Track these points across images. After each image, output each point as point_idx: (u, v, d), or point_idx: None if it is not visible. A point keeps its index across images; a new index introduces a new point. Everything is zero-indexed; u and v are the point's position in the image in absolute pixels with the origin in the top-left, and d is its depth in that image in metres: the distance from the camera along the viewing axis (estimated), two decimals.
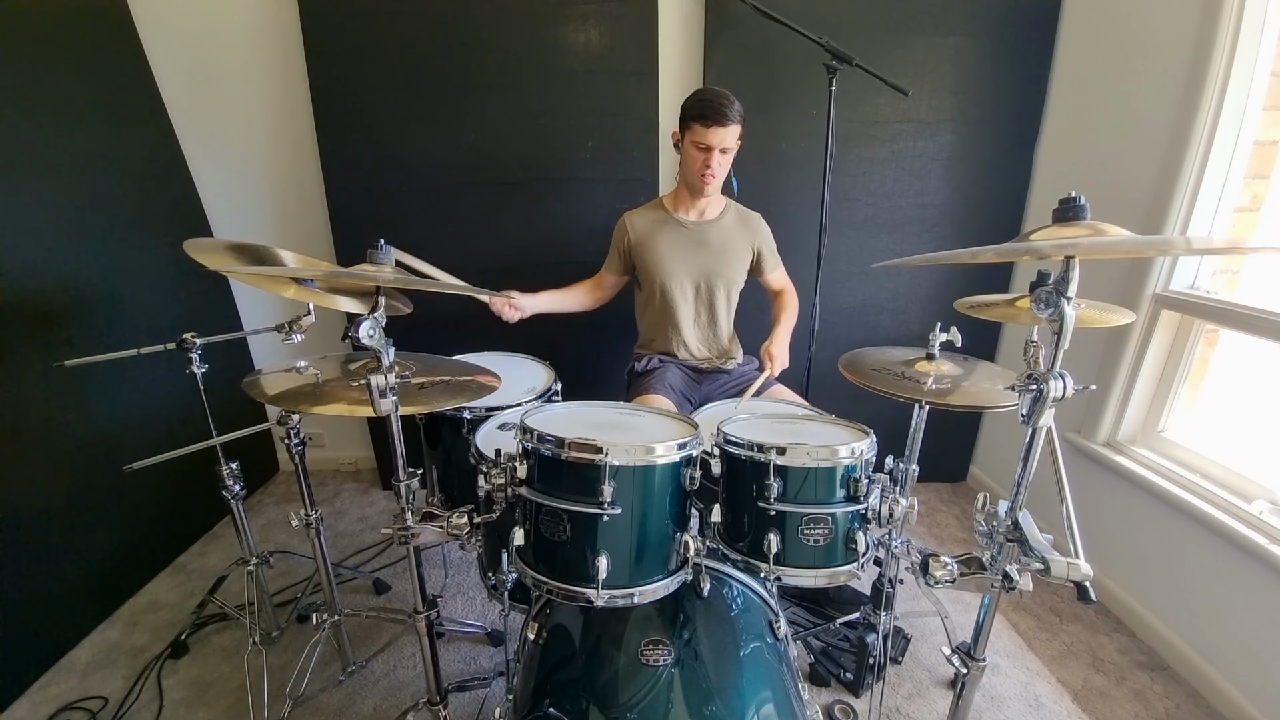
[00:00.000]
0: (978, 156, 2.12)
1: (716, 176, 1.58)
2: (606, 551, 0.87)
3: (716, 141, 1.52)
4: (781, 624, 1.07)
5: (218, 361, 1.46)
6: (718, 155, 1.54)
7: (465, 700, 1.46)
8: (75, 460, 1.66)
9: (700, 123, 1.51)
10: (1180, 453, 1.68)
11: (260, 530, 2.18)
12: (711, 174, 1.57)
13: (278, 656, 1.58)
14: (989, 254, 0.77)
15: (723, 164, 1.57)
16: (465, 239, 2.15)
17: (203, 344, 1.35)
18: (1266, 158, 1.55)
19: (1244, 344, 1.61)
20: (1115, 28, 1.81)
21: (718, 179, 1.59)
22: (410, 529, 1.01)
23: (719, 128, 1.50)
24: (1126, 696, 1.50)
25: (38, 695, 1.48)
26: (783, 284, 1.84)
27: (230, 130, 2.12)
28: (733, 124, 1.50)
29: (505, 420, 1.41)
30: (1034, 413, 0.79)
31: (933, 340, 1.26)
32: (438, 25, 1.95)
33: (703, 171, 1.56)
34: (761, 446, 0.93)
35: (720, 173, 1.58)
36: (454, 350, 1.45)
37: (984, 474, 2.48)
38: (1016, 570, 0.86)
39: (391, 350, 0.92)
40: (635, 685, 0.90)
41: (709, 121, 1.50)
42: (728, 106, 1.49)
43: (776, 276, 1.83)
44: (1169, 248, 1.47)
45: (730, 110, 1.49)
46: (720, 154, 1.54)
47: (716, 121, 1.49)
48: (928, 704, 1.47)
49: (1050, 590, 1.84)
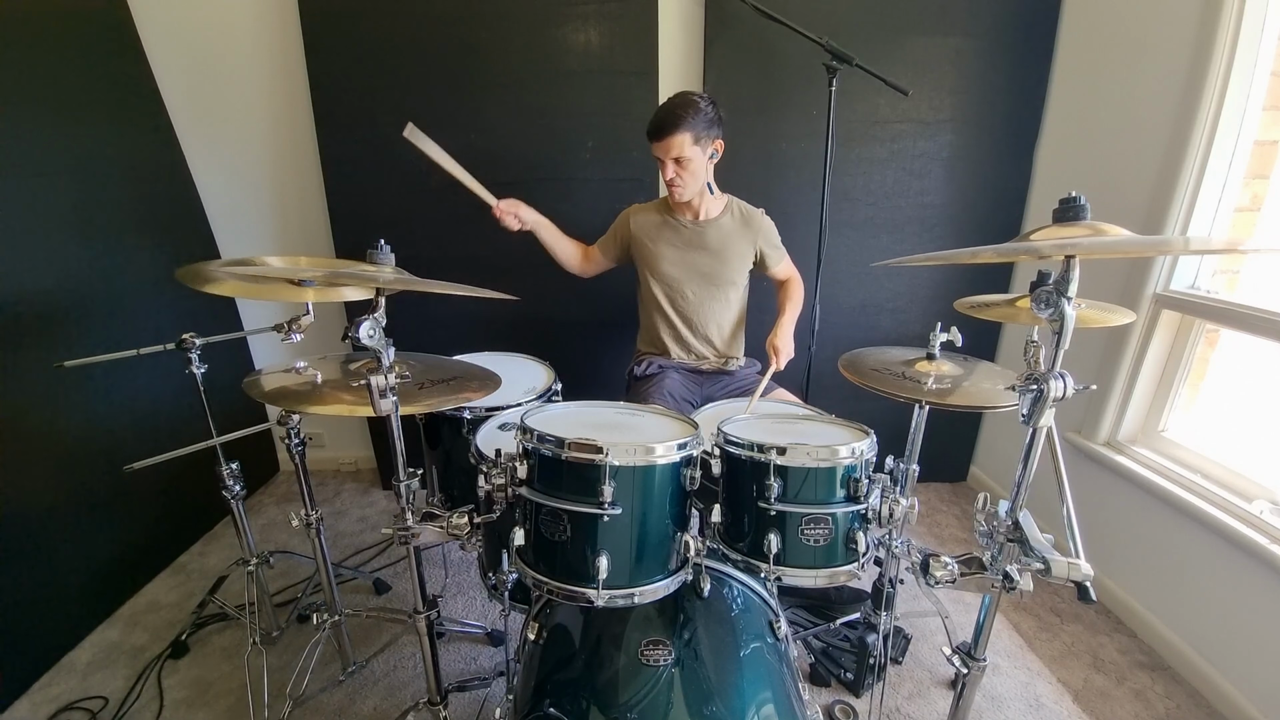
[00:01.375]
0: (978, 156, 2.12)
1: (682, 184, 1.59)
2: (607, 551, 0.87)
3: (664, 153, 1.55)
4: (781, 624, 1.07)
5: (218, 361, 1.45)
6: (672, 166, 1.56)
7: (465, 700, 1.46)
8: (75, 460, 1.66)
9: (649, 137, 1.56)
10: (1180, 452, 1.68)
11: (260, 530, 2.18)
12: (676, 183, 1.59)
13: (278, 656, 1.58)
14: (989, 254, 0.77)
15: (684, 173, 1.57)
16: (465, 239, 2.14)
17: (202, 344, 1.35)
18: (1266, 158, 1.54)
19: (1244, 344, 1.61)
20: (1115, 28, 1.81)
21: (686, 186, 1.59)
22: (410, 529, 1.01)
23: (657, 142, 1.55)
24: (1127, 696, 1.50)
25: (38, 695, 1.48)
26: (788, 274, 1.83)
27: (230, 130, 2.12)
28: (674, 134, 1.51)
29: (505, 420, 1.41)
30: (1034, 413, 0.79)
31: (933, 340, 1.26)
32: (438, 25, 1.95)
33: (670, 183, 1.60)
34: (761, 446, 0.93)
35: (687, 180, 1.58)
36: (454, 350, 1.44)
37: (984, 474, 2.48)
38: (1017, 570, 0.86)
39: (391, 350, 0.91)
40: (635, 685, 0.90)
41: (651, 137, 1.56)
42: (666, 119, 1.51)
43: (781, 269, 1.81)
44: (1169, 248, 1.47)
45: (668, 121, 1.51)
46: (675, 164, 1.55)
47: (655, 136, 1.54)
48: (928, 704, 1.46)
49: (1051, 590, 1.84)
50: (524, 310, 1.63)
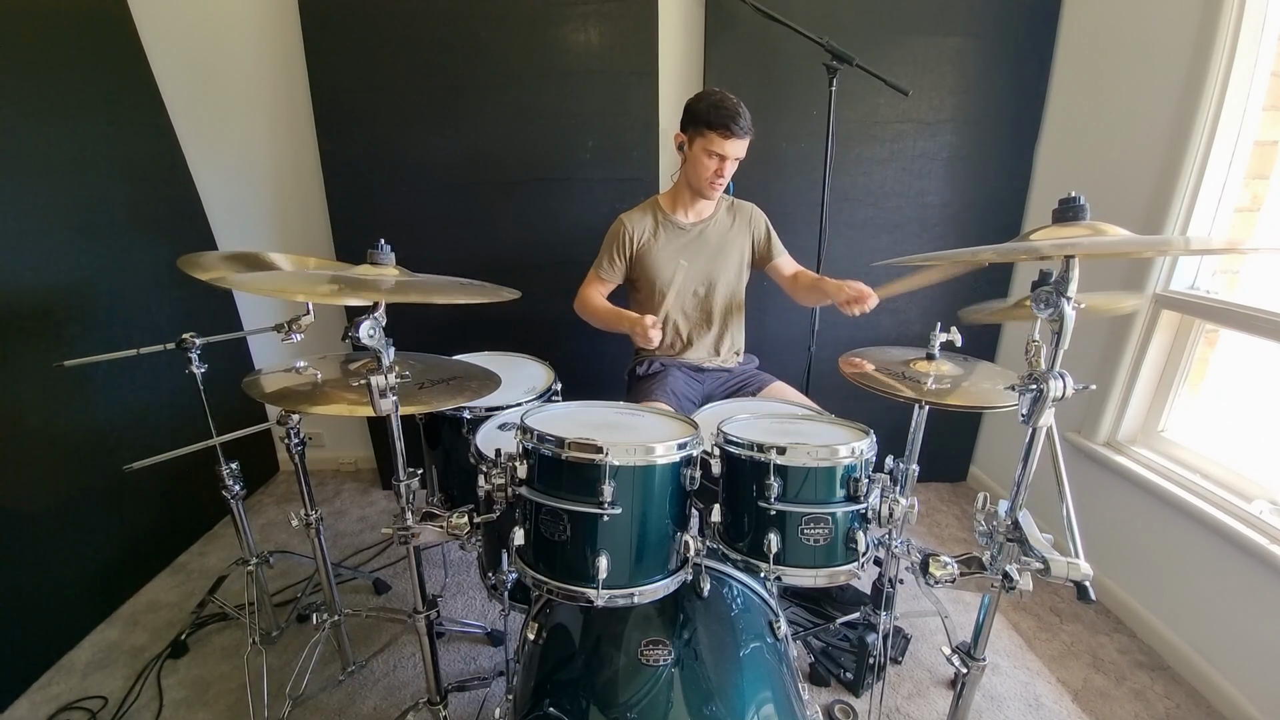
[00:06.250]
0: (978, 156, 2.12)
1: (723, 184, 1.59)
2: (606, 551, 0.87)
3: (733, 152, 1.51)
4: (781, 624, 1.07)
5: (217, 361, 1.45)
6: (730, 164, 1.55)
7: (465, 700, 1.46)
8: (75, 460, 1.66)
9: (719, 132, 1.48)
10: (1180, 453, 1.68)
11: (260, 530, 2.18)
12: (722, 182, 1.58)
13: (278, 656, 1.58)
14: (989, 254, 0.77)
15: (731, 172, 1.58)
16: (465, 239, 2.15)
17: (202, 344, 1.35)
18: (1266, 158, 1.54)
19: (1244, 344, 1.61)
20: (1115, 28, 1.81)
21: (725, 184, 1.60)
22: (410, 529, 1.01)
23: (737, 140, 1.49)
24: (1127, 696, 1.50)
25: (38, 695, 1.48)
26: (795, 266, 1.78)
27: (230, 130, 2.12)
28: (749, 135, 1.51)
29: (505, 420, 1.41)
30: (1034, 412, 0.79)
31: (933, 340, 1.26)
32: (438, 25, 1.95)
33: (713, 180, 1.56)
34: (761, 446, 0.93)
35: (728, 179, 1.59)
36: (454, 350, 1.44)
37: (984, 474, 2.47)
38: (1016, 570, 0.86)
39: (391, 350, 0.92)
40: (635, 685, 0.90)
41: (729, 133, 1.47)
42: (744, 119, 1.48)
43: (786, 261, 1.77)
44: (1169, 248, 1.47)
45: (747, 123, 1.49)
46: (733, 163, 1.55)
47: (736, 134, 1.48)
48: (928, 704, 1.47)
49: (1050, 590, 1.84)
50: (524, 310, 1.62)
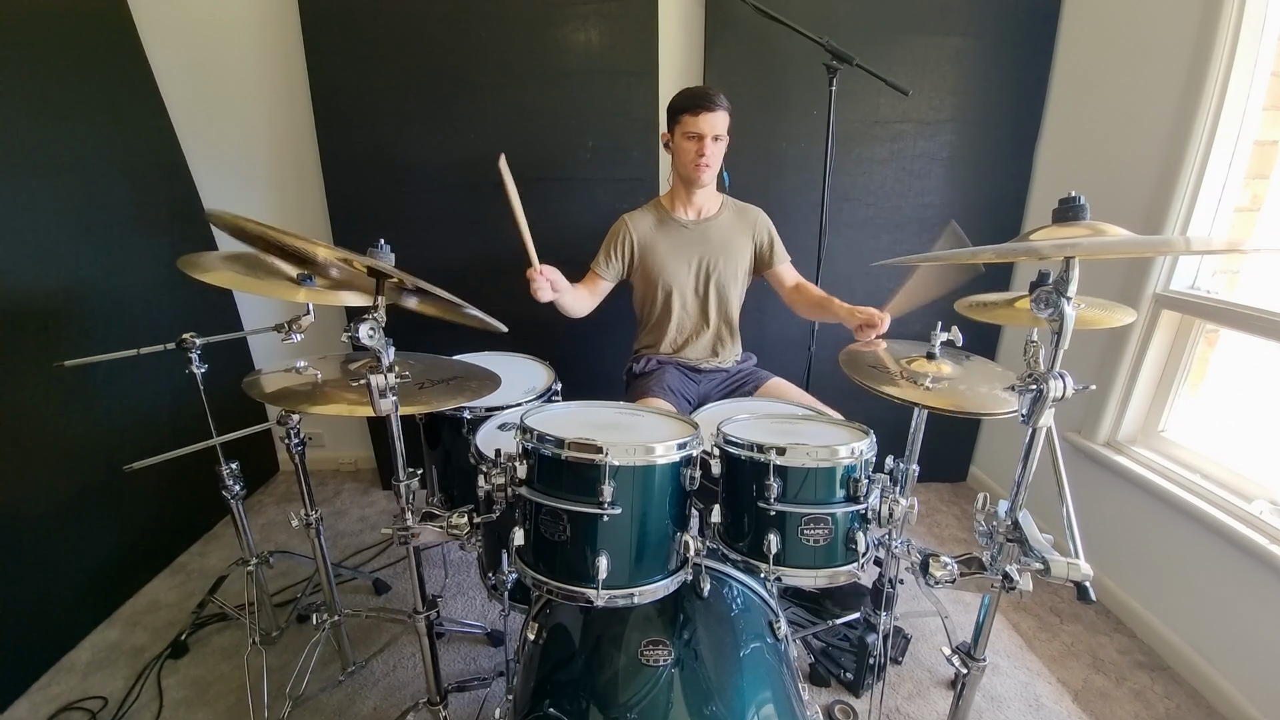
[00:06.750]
0: (978, 156, 2.12)
1: (711, 165, 1.58)
2: (606, 551, 0.87)
3: (708, 128, 1.53)
4: (781, 624, 1.07)
5: (218, 361, 1.46)
6: (710, 143, 1.55)
7: (465, 700, 1.46)
8: (75, 460, 1.66)
9: (689, 113, 1.54)
10: (1180, 453, 1.68)
11: (260, 530, 2.18)
12: (705, 162, 1.57)
13: (278, 656, 1.58)
14: (989, 254, 0.77)
15: (715, 153, 1.57)
16: (465, 239, 2.15)
17: (202, 344, 1.35)
18: (1266, 158, 1.54)
19: (1244, 344, 1.61)
20: (1115, 28, 1.81)
21: (712, 168, 1.60)
22: (410, 529, 1.01)
23: (707, 114, 1.52)
24: (1127, 697, 1.50)
25: (38, 695, 1.48)
26: (798, 277, 1.77)
27: (230, 130, 2.12)
28: (720, 109, 1.53)
29: (505, 420, 1.41)
30: (1034, 413, 0.79)
31: (933, 339, 1.25)
32: (438, 25, 1.94)
33: (696, 161, 1.57)
34: (761, 446, 0.93)
35: (714, 162, 1.59)
36: (454, 350, 1.44)
37: (984, 474, 2.47)
38: (1016, 570, 0.86)
39: (391, 350, 0.91)
40: (635, 685, 0.90)
41: (698, 109, 1.52)
42: (714, 94, 1.53)
43: (788, 269, 1.77)
44: (1169, 248, 1.47)
45: (716, 97, 1.53)
46: (713, 141, 1.55)
47: (704, 108, 1.52)
48: (928, 704, 1.46)
49: (1050, 590, 1.84)
50: (524, 310, 1.63)
